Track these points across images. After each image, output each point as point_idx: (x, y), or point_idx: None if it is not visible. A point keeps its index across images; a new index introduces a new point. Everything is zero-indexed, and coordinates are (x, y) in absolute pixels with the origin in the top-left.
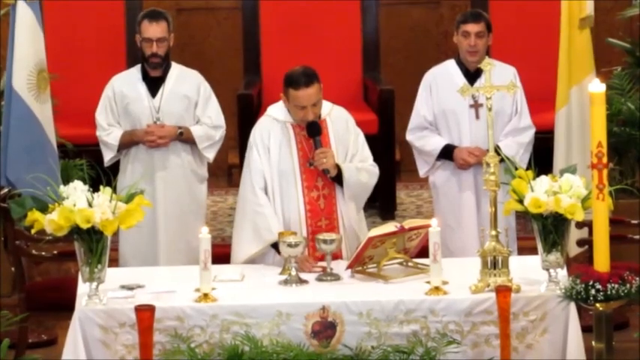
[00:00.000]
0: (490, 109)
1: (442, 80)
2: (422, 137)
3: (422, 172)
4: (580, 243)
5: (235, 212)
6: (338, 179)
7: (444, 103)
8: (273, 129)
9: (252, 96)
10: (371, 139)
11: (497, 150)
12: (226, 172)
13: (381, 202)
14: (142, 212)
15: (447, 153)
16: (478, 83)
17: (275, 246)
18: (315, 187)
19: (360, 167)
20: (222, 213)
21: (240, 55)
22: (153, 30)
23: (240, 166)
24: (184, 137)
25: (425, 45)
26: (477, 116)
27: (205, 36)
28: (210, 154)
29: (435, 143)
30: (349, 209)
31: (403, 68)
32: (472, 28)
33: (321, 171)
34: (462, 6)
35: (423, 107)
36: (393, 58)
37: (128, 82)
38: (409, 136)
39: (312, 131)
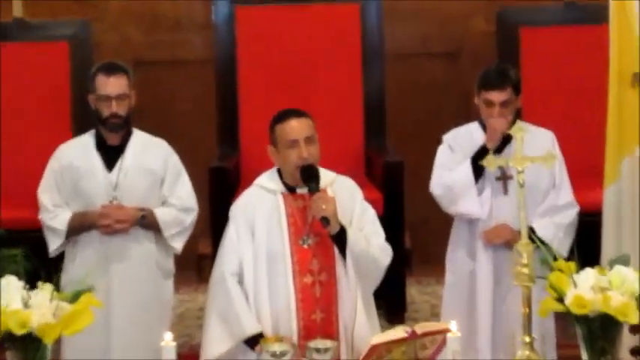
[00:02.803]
0: (522, 185)
1: (464, 144)
2: (449, 174)
3: (474, 209)
4: (634, 352)
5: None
6: (339, 245)
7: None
8: (261, 201)
9: (228, 170)
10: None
11: (530, 235)
12: (195, 264)
13: (387, 301)
14: (91, 314)
15: (478, 167)
16: (507, 151)
17: (251, 342)
18: (310, 272)
19: (370, 239)
20: (190, 315)
21: (213, 120)
22: (112, 85)
23: (212, 257)
24: (147, 222)
25: (441, 107)
26: (506, 192)
27: (170, 96)
28: (179, 244)
29: (463, 168)
30: (354, 298)
31: (414, 135)
32: (496, 97)
33: (309, 235)
34: (486, 58)
35: (447, 161)
36: (402, 122)
37: (79, 152)
38: (437, 190)
39: (308, 175)
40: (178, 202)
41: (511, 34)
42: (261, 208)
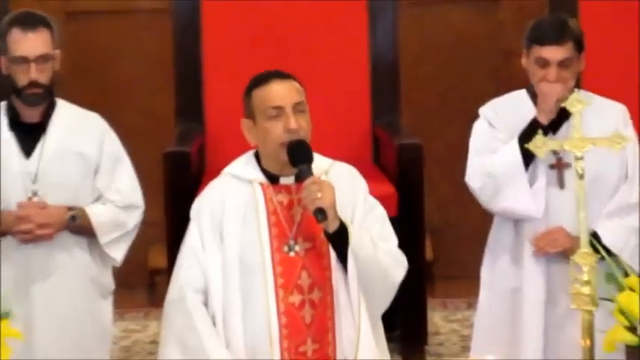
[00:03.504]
0: (582, 176)
1: (508, 119)
2: (490, 159)
3: (525, 203)
4: None
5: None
6: (338, 248)
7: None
8: (233, 196)
9: (189, 155)
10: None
11: (592, 242)
12: (146, 281)
13: (404, 330)
14: (7, 348)
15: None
16: (565, 131)
17: None
18: (298, 288)
19: (377, 242)
20: (139, 349)
21: (170, 89)
22: (30, 44)
23: (169, 271)
24: (78, 224)
25: (473, 71)
26: (562, 184)
27: (112, 57)
28: (119, 252)
29: (509, 149)
30: (356, 324)
31: (437, 110)
32: (553, 53)
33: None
34: (534, 5)
35: (486, 142)
36: (422, 93)
37: None
38: (475, 181)
39: (298, 155)
40: (118, 198)
41: None
42: (232, 204)
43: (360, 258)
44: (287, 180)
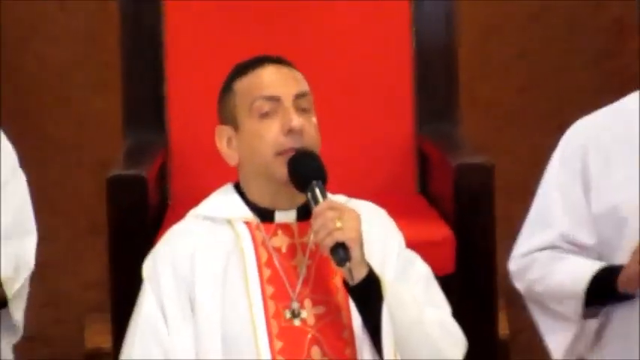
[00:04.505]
0: None
1: (612, 141)
2: (546, 264)
3: (558, 353)
4: None
5: None
6: (364, 309)
7: (618, 193)
8: (207, 242)
9: (144, 181)
10: (442, 283)
11: None
12: None
13: None
14: None
15: (607, 287)
16: None
17: None
18: None
19: (422, 305)
20: None
21: (116, 83)
22: None
23: (114, 355)
24: None
25: (567, 56)
26: None
27: (26, 37)
28: (19, 312)
29: (576, 269)
30: None
31: (512, 114)
32: None
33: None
34: None
35: (558, 201)
36: (489, 88)
37: None
38: (514, 265)
39: (305, 170)
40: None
41: None
42: (207, 255)
43: (400, 324)
44: (286, 216)
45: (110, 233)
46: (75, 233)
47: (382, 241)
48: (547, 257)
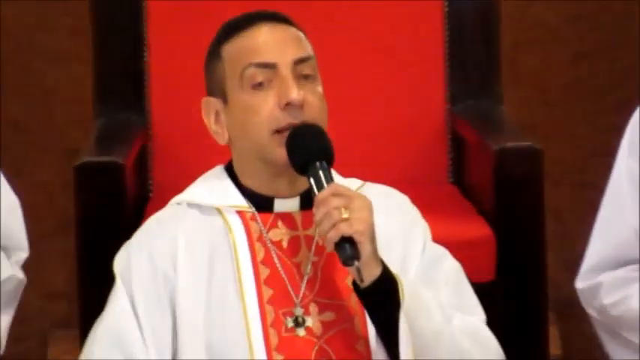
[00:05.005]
0: None
1: None
2: (622, 285)
3: None
4: None
5: None
6: (378, 315)
7: None
8: (192, 234)
9: (121, 168)
10: (479, 293)
11: None
12: None
13: None
14: None
15: None
16: None
17: None
18: None
19: (450, 311)
20: None
21: (86, 53)
22: None
23: None
24: None
25: (627, 25)
26: None
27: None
28: (6, 318)
29: None
30: None
31: (567, 91)
32: None
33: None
34: None
35: (630, 195)
36: (539, 60)
37: None
38: (582, 282)
39: (306, 149)
40: None
41: None
42: (191, 250)
43: (420, 333)
44: (287, 204)
45: (78, 233)
46: (40, 234)
47: (403, 232)
48: (622, 276)
